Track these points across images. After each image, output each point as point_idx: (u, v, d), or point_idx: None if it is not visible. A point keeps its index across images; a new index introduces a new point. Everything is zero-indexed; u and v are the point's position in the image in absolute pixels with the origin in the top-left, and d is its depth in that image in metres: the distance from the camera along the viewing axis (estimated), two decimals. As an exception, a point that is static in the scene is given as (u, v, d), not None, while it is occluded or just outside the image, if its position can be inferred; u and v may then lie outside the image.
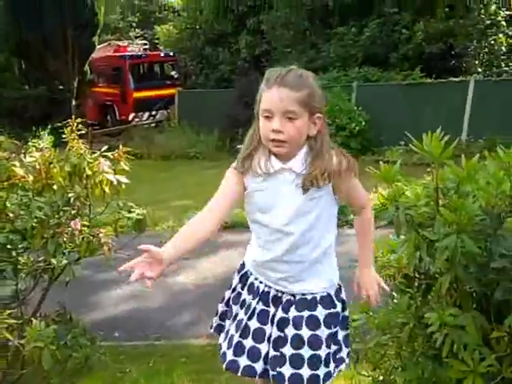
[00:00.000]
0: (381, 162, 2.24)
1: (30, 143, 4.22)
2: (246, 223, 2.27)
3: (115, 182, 3.26)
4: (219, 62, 19.76)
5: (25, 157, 3.36)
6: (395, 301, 2.44)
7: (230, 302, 2.38)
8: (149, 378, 4.10)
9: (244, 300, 2.30)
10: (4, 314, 2.73)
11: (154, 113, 19.69)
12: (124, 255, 3.56)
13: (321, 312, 2.16)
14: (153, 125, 18.97)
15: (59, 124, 3.93)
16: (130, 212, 3.47)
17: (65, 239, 3.15)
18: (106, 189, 3.28)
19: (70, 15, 18.02)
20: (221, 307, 2.44)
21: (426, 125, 3.36)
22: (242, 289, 2.34)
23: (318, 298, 2.17)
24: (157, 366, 4.34)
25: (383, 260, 2.52)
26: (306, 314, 2.15)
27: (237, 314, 2.31)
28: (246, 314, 2.26)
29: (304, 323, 2.14)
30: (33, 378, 3.24)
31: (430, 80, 14.02)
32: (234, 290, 2.39)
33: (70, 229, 3.19)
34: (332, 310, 2.19)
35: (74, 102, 19.13)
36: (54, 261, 3.17)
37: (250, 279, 2.31)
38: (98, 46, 20.40)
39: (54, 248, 3.08)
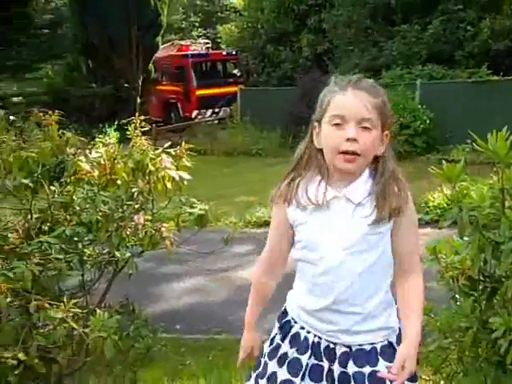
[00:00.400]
0: (443, 161, 2.15)
1: (96, 139, 4.33)
2: None
3: (177, 178, 3.31)
4: (281, 60, 19.76)
5: (90, 152, 3.46)
6: (458, 303, 2.38)
7: (265, 358, 1.99)
8: (207, 371, 4.15)
9: (285, 354, 1.93)
10: (70, 304, 2.82)
11: (216, 110, 19.90)
12: (186, 249, 3.63)
13: (383, 366, 1.80)
14: (215, 122, 19.18)
15: (124, 121, 4.03)
16: (192, 207, 3.52)
17: (128, 233, 3.23)
18: (169, 184, 3.34)
19: (134, 16, 18.47)
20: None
21: (492, 123, 3.25)
22: (282, 340, 1.96)
23: (379, 348, 1.84)
24: (216, 360, 4.39)
25: (446, 261, 2.46)
26: (367, 370, 1.81)
27: (275, 374, 1.93)
28: (292, 372, 1.88)
29: (367, 382, 1.80)
30: (96, 366, 3.34)
31: (497, 77, 13.60)
32: (271, 341, 2.01)
33: (133, 223, 3.26)
34: None
35: (138, 100, 19.57)
36: (117, 253, 3.24)
37: (295, 329, 1.95)
38: (161, 46, 20.80)
39: (117, 241, 3.16)
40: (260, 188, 9.75)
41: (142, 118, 3.67)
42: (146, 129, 3.64)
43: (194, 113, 19.91)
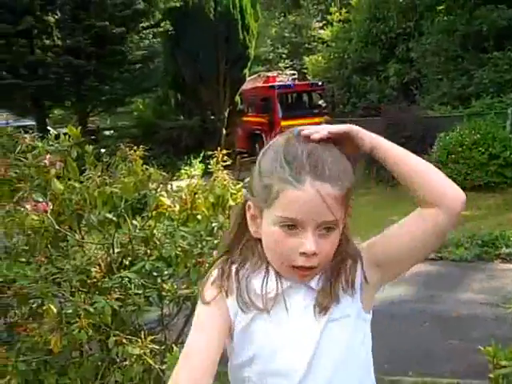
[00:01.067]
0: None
1: (182, 171, 4.37)
2: None
3: (257, 213, 3.28)
4: (367, 90, 19.61)
5: (172, 185, 3.50)
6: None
7: None
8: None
9: None
10: (148, 340, 2.82)
11: (301, 141, 19.94)
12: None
13: None
14: (299, 153, 19.17)
15: (210, 152, 4.06)
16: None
17: (206, 269, 3.22)
18: (248, 220, 3.31)
19: (223, 51, 18.98)
20: None
21: None
22: None
23: None
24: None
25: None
26: None
27: None
28: None
29: None
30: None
31: None
32: None
33: (211, 258, 3.25)
34: None
35: (224, 131, 19.94)
36: (195, 289, 3.23)
37: None
38: (248, 78, 21.17)
39: (195, 277, 3.15)
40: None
41: (225, 151, 3.69)
42: (228, 163, 3.65)
43: (279, 144, 20.02)
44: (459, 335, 5.34)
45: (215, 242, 3.45)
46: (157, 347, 2.91)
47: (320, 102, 21.36)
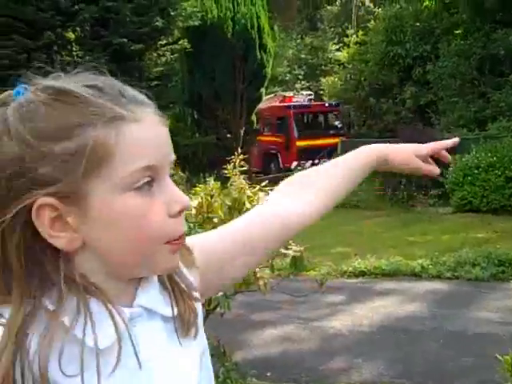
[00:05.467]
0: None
1: (197, 188, 4.40)
2: (406, 270, 2.01)
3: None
4: (383, 112, 19.62)
5: (189, 194, 3.50)
6: None
7: None
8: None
9: None
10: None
11: (316, 161, 19.92)
12: (279, 297, 3.55)
13: None
14: (314, 173, 19.16)
15: (225, 171, 4.07)
16: (286, 248, 3.45)
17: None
18: (265, 224, 3.29)
19: (240, 69, 19.13)
20: None
21: None
22: None
23: None
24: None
25: None
26: None
27: None
28: None
29: None
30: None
31: None
32: None
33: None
34: None
35: (239, 150, 19.98)
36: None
37: None
38: (264, 97, 21.28)
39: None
40: (356, 240, 9.59)
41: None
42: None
43: (294, 164, 20.01)
44: (474, 353, 5.26)
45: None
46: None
47: (336, 123, 21.40)
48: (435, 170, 1.35)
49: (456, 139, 1.40)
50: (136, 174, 0.80)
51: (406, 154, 1.29)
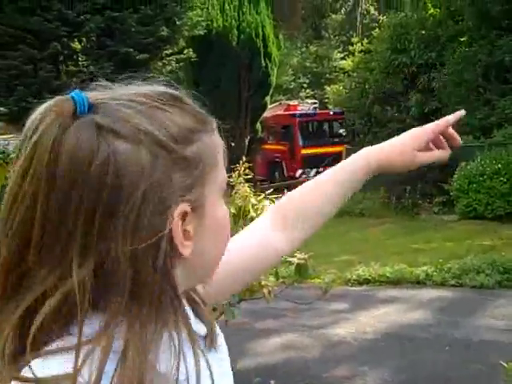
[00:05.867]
0: None
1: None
2: (410, 278, 2.03)
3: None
4: (387, 120, 19.64)
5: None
6: None
7: None
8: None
9: None
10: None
11: (321, 169, 19.93)
12: (283, 304, 3.57)
13: None
14: (319, 181, 19.17)
15: (230, 179, 4.10)
16: (291, 256, 3.47)
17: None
18: (269, 231, 3.32)
19: (245, 77, 19.21)
20: None
21: None
22: None
23: None
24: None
25: None
26: None
27: None
28: None
29: None
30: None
31: None
32: None
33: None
34: None
35: (244, 158, 20.01)
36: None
37: None
38: (269, 106, 21.34)
39: (215, 286, 3.15)
40: (361, 247, 9.59)
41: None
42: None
43: (299, 172, 20.06)
44: (479, 360, 5.25)
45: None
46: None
47: (341, 131, 21.43)
48: (443, 154, 1.22)
49: (462, 112, 1.23)
50: (225, 180, 0.83)
51: (405, 155, 1.20)
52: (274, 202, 3.46)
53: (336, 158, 19.13)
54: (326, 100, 25.58)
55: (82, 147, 0.68)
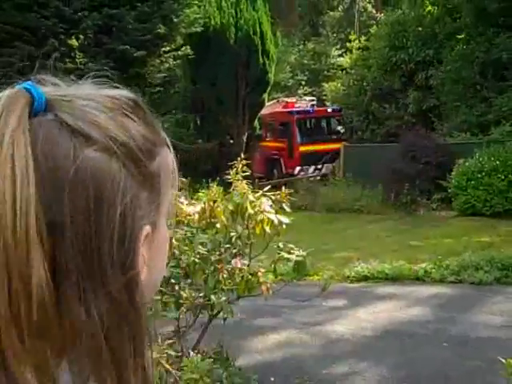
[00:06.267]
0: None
1: (200, 194, 4.43)
2: (409, 275, 2.03)
3: (276, 222, 3.29)
4: (385, 117, 19.63)
5: (191, 199, 3.52)
6: None
7: None
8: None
9: None
10: (164, 345, 2.81)
11: (319, 166, 19.92)
12: (281, 301, 3.57)
13: None
14: (318, 178, 19.17)
15: (228, 176, 4.10)
16: (289, 253, 3.46)
17: (224, 275, 3.21)
18: (267, 228, 3.31)
19: (242, 75, 19.19)
20: None
21: None
22: None
23: None
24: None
25: None
26: None
27: None
28: None
29: None
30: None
31: None
32: None
33: (229, 266, 3.25)
34: None
35: (242, 156, 20.00)
36: (213, 297, 3.22)
37: None
38: (267, 103, 21.31)
39: (213, 283, 3.15)
40: (360, 244, 9.59)
41: (245, 171, 3.71)
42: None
43: (297, 169, 20.03)
44: (478, 356, 5.25)
45: (233, 251, 3.46)
46: (173, 353, 2.90)
47: (339, 128, 21.41)
48: None
49: None
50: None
51: None
52: (271, 199, 3.45)
53: (334, 155, 19.16)
54: (324, 97, 25.53)
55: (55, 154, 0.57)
